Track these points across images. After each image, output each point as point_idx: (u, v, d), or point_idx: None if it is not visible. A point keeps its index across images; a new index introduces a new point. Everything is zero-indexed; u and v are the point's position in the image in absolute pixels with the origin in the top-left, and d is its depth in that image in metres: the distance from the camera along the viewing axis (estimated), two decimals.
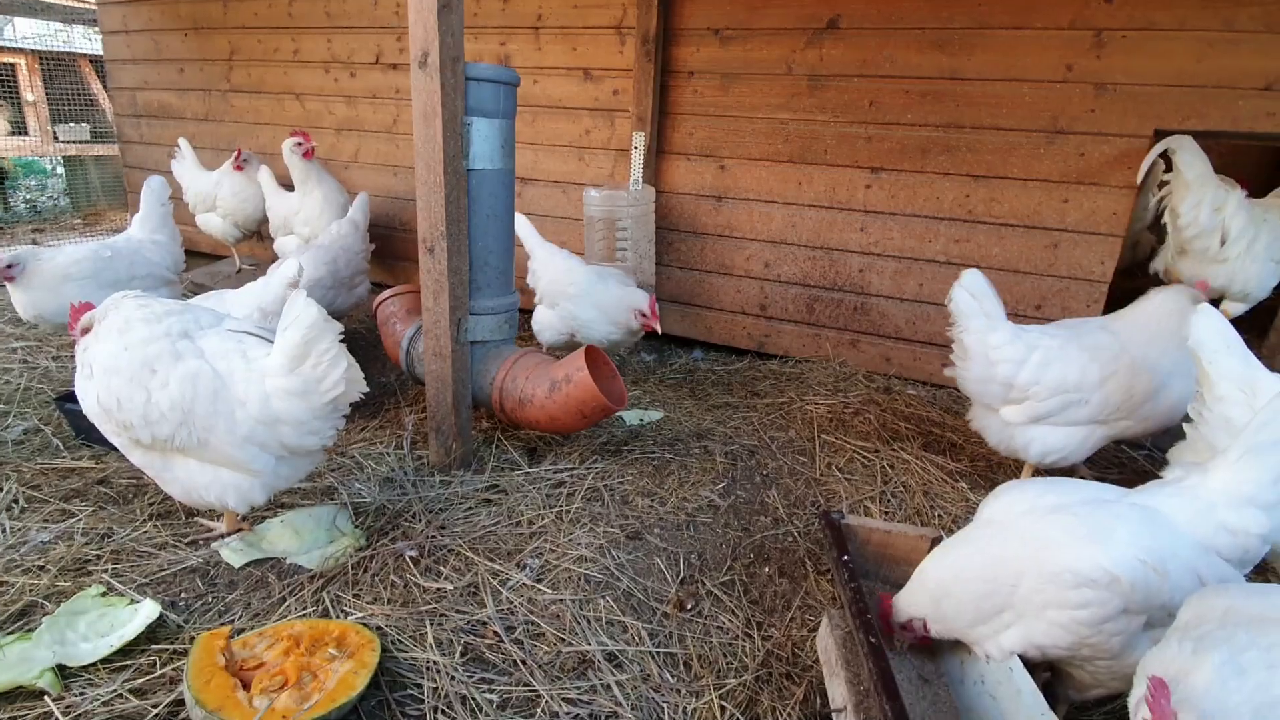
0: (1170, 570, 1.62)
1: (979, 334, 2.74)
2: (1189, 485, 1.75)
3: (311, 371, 2.14)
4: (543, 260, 3.93)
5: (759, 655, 2.05)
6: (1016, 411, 2.75)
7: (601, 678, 1.91)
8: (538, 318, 3.95)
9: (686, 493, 2.85)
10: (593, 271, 3.75)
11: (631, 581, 2.31)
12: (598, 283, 3.67)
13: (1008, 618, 1.71)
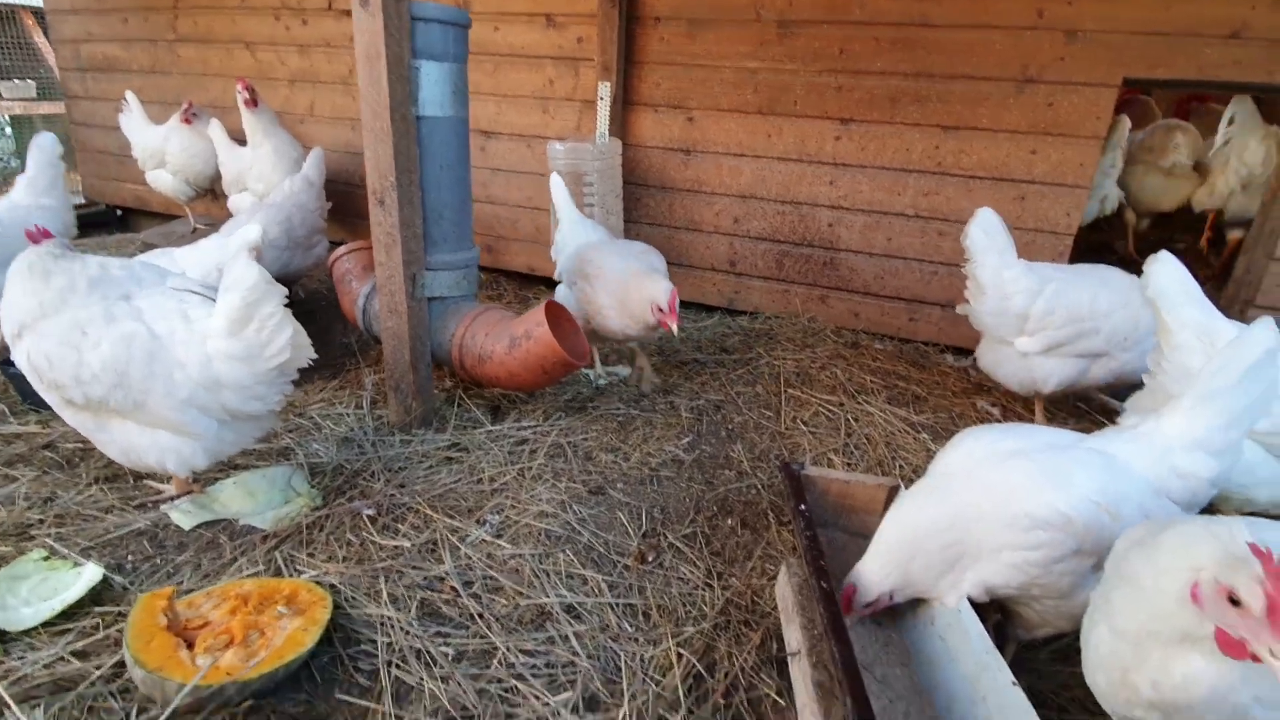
0: (1123, 512, 1.64)
1: (994, 269, 2.88)
2: (1144, 431, 1.76)
3: (255, 336, 2.05)
4: (566, 231, 3.52)
5: (718, 604, 2.06)
6: (1031, 342, 2.89)
7: (560, 629, 1.90)
8: (557, 296, 3.45)
9: (651, 448, 2.83)
10: (616, 251, 3.21)
11: (593, 536, 2.29)
12: (618, 265, 3.08)
13: (967, 562, 1.72)
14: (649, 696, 1.71)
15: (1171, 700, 1.18)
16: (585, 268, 3.17)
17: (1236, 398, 1.64)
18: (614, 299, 3.03)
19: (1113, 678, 1.28)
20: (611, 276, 3.05)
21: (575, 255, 3.28)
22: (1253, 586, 1.08)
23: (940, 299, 3.96)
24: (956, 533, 1.70)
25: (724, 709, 1.72)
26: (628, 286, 2.98)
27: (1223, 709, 1.14)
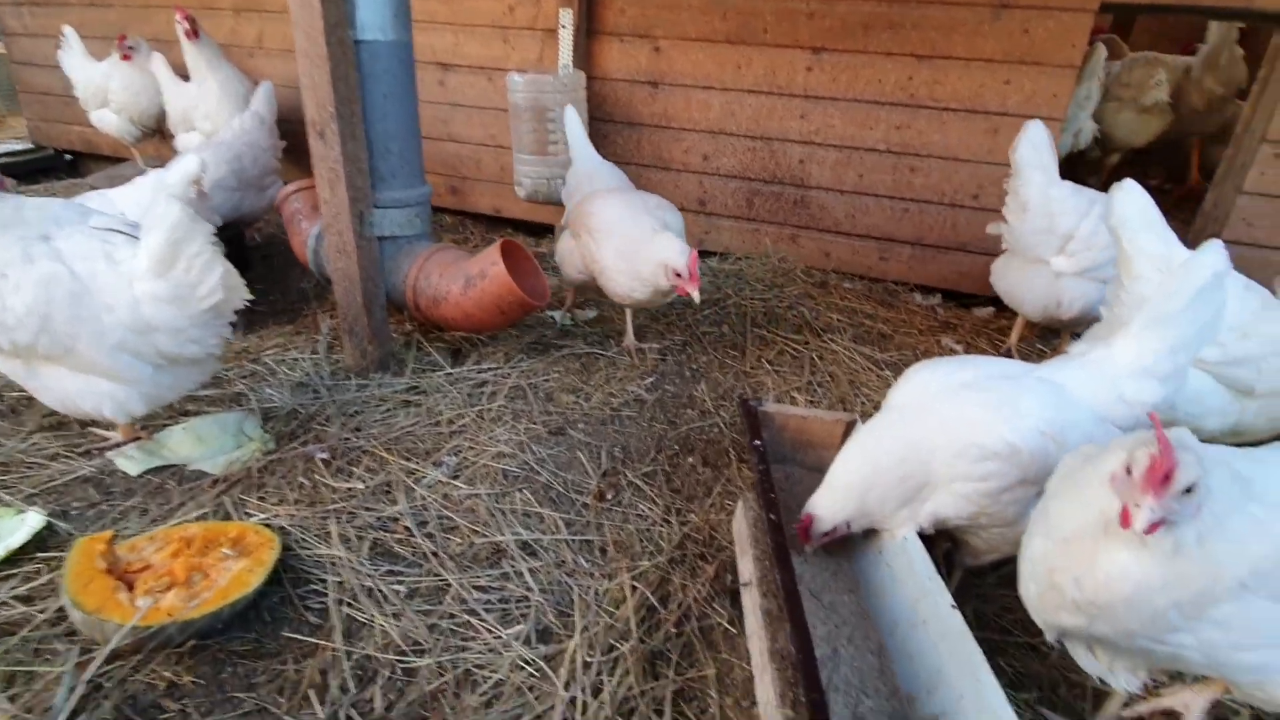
0: (1069, 440, 1.64)
1: (1041, 187, 2.87)
2: (1093, 359, 1.75)
3: (184, 276, 1.96)
4: (577, 172, 3.22)
5: (675, 539, 2.07)
6: (1069, 263, 2.88)
7: (515, 565, 1.91)
8: (560, 246, 3.17)
9: (613, 388, 2.80)
10: (626, 203, 2.85)
11: (552, 475, 2.28)
12: (628, 219, 2.75)
13: (925, 494, 1.73)
14: (601, 628, 1.73)
15: (1093, 599, 1.19)
16: (589, 220, 2.82)
17: (1184, 323, 1.63)
18: (620, 258, 2.72)
19: (1042, 583, 1.30)
20: (618, 232, 2.74)
21: (583, 203, 2.97)
22: (1141, 455, 1.09)
23: (911, 237, 3.91)
24: (912, 465, 1.70)
25: (675, 637, 1.75)
26: (637, 245, 2.67)
27: (1143, 612, 1.16)
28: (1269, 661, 1.23)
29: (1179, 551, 1.13)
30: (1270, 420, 2.30)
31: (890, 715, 1.49)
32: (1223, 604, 1.14)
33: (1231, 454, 1.33)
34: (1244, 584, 1.13)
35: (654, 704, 1.57)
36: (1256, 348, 2.18)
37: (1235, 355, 2.19)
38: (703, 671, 1.66)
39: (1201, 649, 1.19)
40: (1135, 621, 1.18)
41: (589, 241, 2.83)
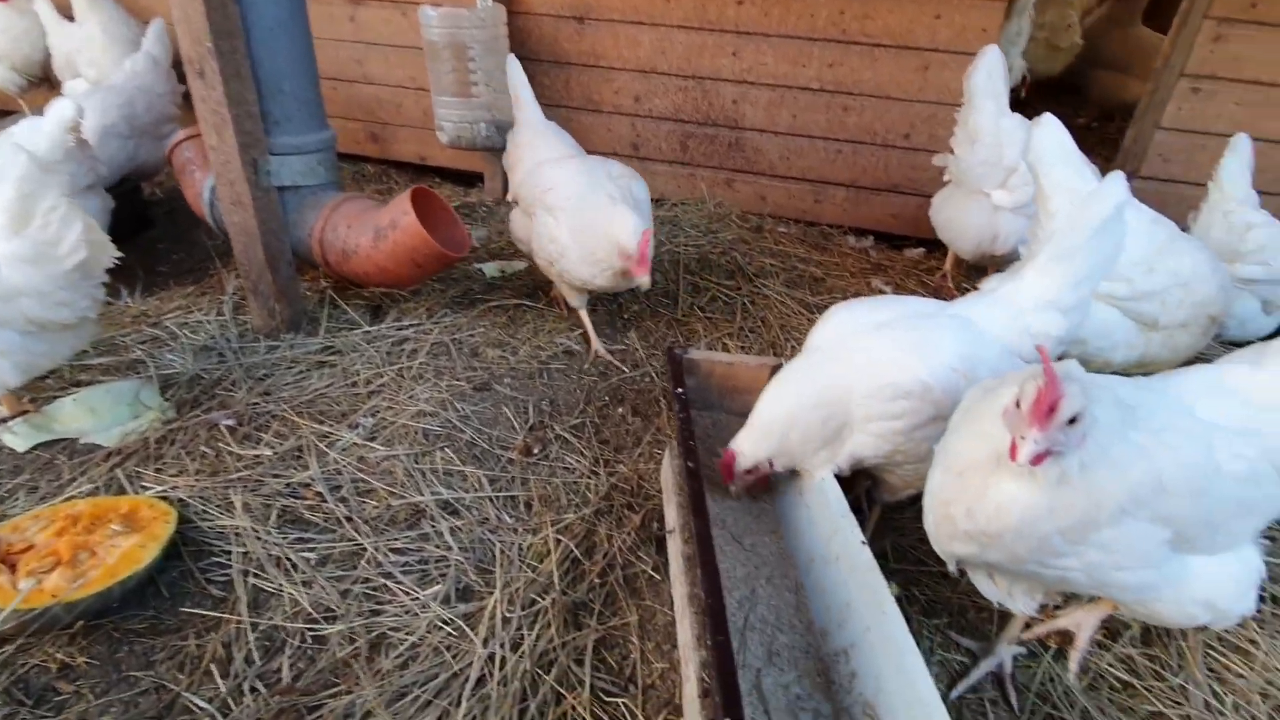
0: (978, 375, 1.66)
1: (993, 116, 2.85)
2: (1001, 294, 1.77)
3: (41, 234, 1.78)
4: (523, 136, 2.86)
5: (603, 490, 2.06)
6: (1009, 197, 2.90)
7: (435, 525, 1.86)
8: (513, 219, 2.82)
9: (541, 341, 2.74)
10: (585, 170, 2.51)
11: (476, 432, 2.23)
12: (587, 193, 2.42)
13: (845, 434, 1.74)
14: (522, 583, 1.71)
15: (984, 529, 1.23)
16: (545, 196, 2.48)
17: (1085, 256, 1.65)
18: (574, 238, 2.40)
19: (938, 514, 1.33)
20: (574, 206, 2.41)
21: (533, 172, 2.62)
22: (1029, 388, 1.11)
23: (845, 179, 3.89)
24: (832, 406, 1.70)
25: (599, 587, 1.75)
26: (594, 221, 2.34)
27: (1030, 539, 1.20)
28: (1149, 580, 1.29)
29: (1064, 481, 1.16)
30: (1174, 352, 2.41)
31: (804, 649, 1.53)
32: (1104, 529, 1.18)
33: (1117, 383, 1.37)
34: (1124, 509, 1.17)
35: (575, 654, 1.57)
36: (1161, 281, 2.26)
37: (1142, 290, 2.26)
38: (625, 619, 1.67)
39: (1086, 571, 1.24)
40: (1023, 548, 1.22)
41: (547, 219, 2.46)
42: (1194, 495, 1.22)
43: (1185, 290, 2.28)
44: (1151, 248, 2.26)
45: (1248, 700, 1.55)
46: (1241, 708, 1.54)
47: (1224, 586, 1.34)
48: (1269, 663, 1.62)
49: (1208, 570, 1.34)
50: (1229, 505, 1.28)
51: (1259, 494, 1.31)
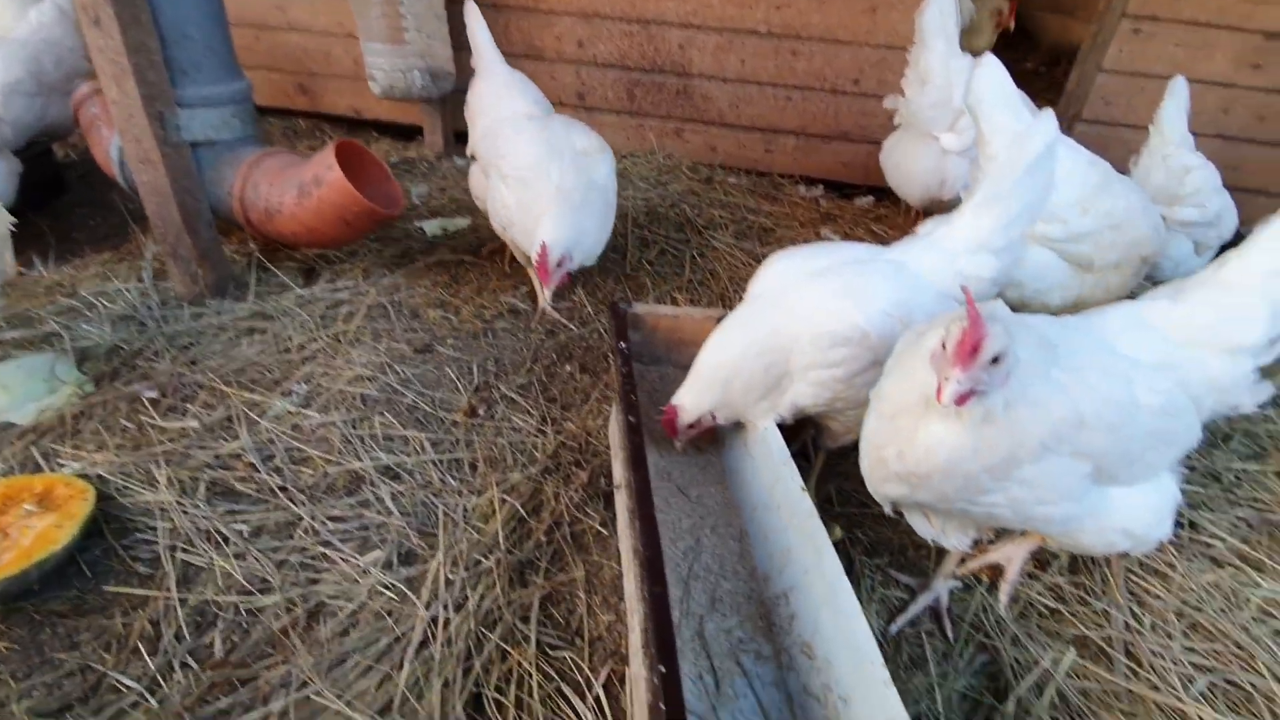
0: (914, 320, 1.67)
1: (943, 56, 2.81)
2: (936, 238, 1.77)
3: None
4: (483, 87, 2.67)
5: (550, 448, 2.03)
6: (957, 141, 2.89)
7: (375, 491, 1.82)
8: (473, 173, 2.69)
9: (485, 300, 2.67)
10: (544, 143, 2.30)
11: (418, 395, 2.17)
12: (538, 170, 2.26)
13: (786, 384, 1.74)
14: (467, 544, 1.69)
15: (914, 470, 1.25)
16: (501, 162, 2.32)
17: (1017, 197, 1.65)
18: (520, 213, 2.29)
19: (871, 458, 1.35)
20: (523, 180, 2.26)
21: (491, 131, 2.43)
22: (954, 329, 1.12)
23: (795, 127, 3.84)
24: (773, 355, 1.70)
25: (545, 545, 1.74)
26: (531, 202, 2.23)
27: (957, 478, 1.22)
28: (1071, 513, 1.34)
29: (988, 420, 1.18)
30: (1107, 292, 2.47)
31: (747, 594, 1.56)
32: (1026, 465, 1.21)
33: (1041, 321, 1.39)
34: (1046, 445, 1.20)
35: (520, 611, 1.57)
36: (1094, 223, 2.29)
37: (1076, 231, 2.29)
38: (572, 575, 1.67)
39: (1011, 507, 1.27)
40: (951, 488, 1.24)
41: (499, 185, 2.35)
42: (1112, 430, 1.25)
43: (1117, 231, 2.32)
44: (1087, 189, 2.29)
45: (1164, 620, 1.64)
46: (1159, 626, 1.63)
47: (1143, 515, 1.40)
48: (1185, 584, 1.72)
49: (1127, 500, 1.39)
50: (1147, 438, 1.32)
51: (1176, 425, 1.36)
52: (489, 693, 1.40)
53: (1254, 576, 1.74)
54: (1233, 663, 1.54)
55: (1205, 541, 1.84)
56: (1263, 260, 1.41)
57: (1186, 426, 1.38)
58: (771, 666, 1.41)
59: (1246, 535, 1.87)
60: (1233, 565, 1.77)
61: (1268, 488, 2.03)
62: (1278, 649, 1.57)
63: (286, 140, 4.22)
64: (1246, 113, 3.40)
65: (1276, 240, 1.39)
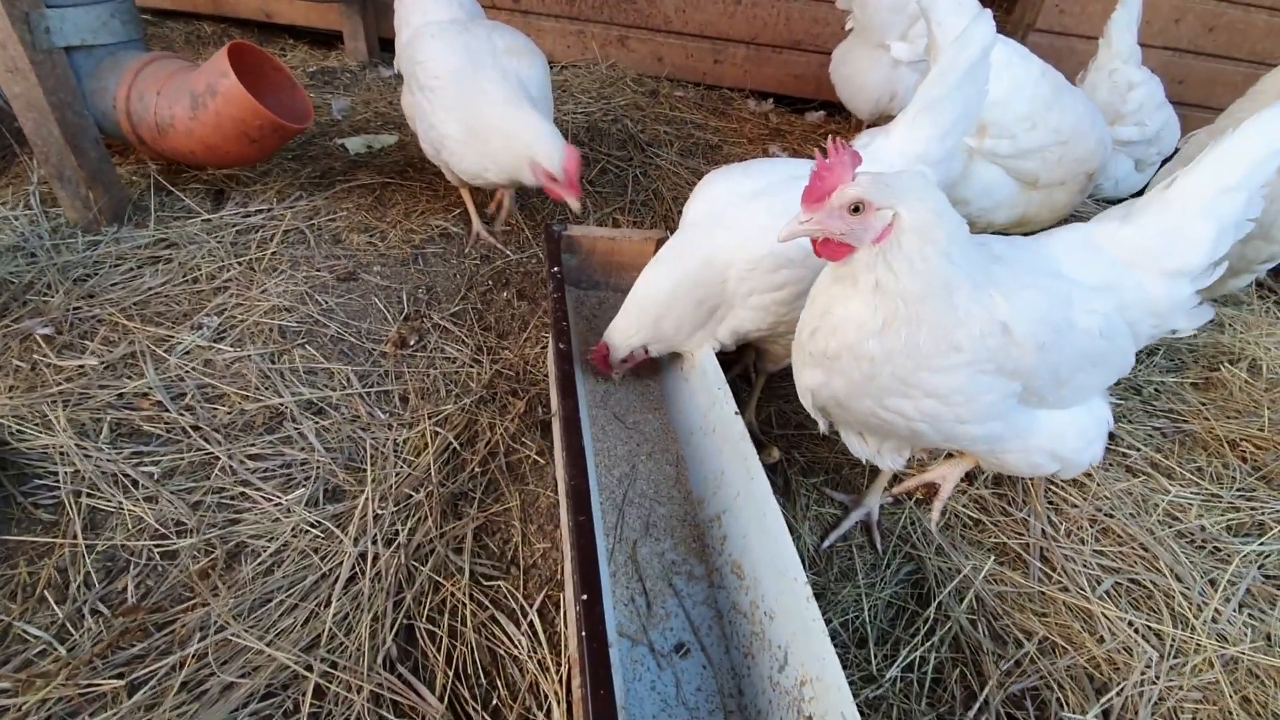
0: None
1: None
2: (872, 149, 1.71)
3: None
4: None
5: (486, 378, 1.98)
6: (909, 50, 2.85)
7: (298, 427, 1.75)
8: (404, 92, 2.44)
9: (414, 224, 2.52)
10: (465, 48, 2.09)
11: (342, 326, 2.07)
12: (468, 74, 2.06)
13: (721, 313, 1.69)
14: (397, 479, 1.65)
15: (824, 349, 1.25)
16: (418, 70, 2.13)
17: (953, 104, 1.60)
18: (465, 131, 2.08)
19: (795, 343, 1.35)
20: (454, 91, 2.06)
21: (412, 41, 2.23)
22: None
23: (745, 36, 3.64)
24: (709, 286, 1.64)
25: (480, 475, 1.72)
26: (487, 118, 2.04)
27: (862, 360, 1.21)
28: (996, 433, 1.36)
29: (880, 290, 1.16)
30: (1052, 210, 2.47)
31: (681, 518, 1.57)
32: (936, 373, 1.20)
33: (993, 239, 1.37)
34: (957, 347, 1.18)
35: (454, 543, 1.55)
36: (1041, 139, 2.26)
37: (1024, 147, 2.26)
38: (507, 504, 1.66)
39: (930, 423, 1.28)
40: (858, 373, 1.22)
41: (422, 100, 2.16)
42: (1043, 350, 1.25)
43: (1065, 148, 2.30)
44: (1037, 103, 2.24)
45: (1078, 526, 1.73)
46: (1073, 533, 1.72)
47: (1071, 439, 1.43)
48: (1099, 492, 1.80)
49: (1056, 423, 1.41)
50: (1079, 360, 1.33)
51: (1110, 350, 1.37)
52: (421, 624, 1.39)
53: (1164, 483, 1.84)
54: (1137, 564, 1.64)
55: (1123, 452, 1.92)
56: (1208, 181, 1.37)
57: (1121, 351, 1.40)
58: (703, 586, 1.44)
59: (1160, 445, 1.96)
60: (1145, 473, 1.86)
61: (1184, 399, 2.12)
62: (1178, 549, 1.67)
63: (190, 48, 3.82)
64: (1197, 23, 3.36)
65: (1222, 161, 1.37)
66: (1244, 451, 1.97)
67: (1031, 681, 1.42)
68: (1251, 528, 1.76)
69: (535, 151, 1.99)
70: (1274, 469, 1.91)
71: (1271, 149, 1.31)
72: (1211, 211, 1.36)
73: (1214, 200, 1.36)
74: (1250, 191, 1.34)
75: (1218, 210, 1.36)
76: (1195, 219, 1.38)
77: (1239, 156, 1.33)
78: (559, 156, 1.96)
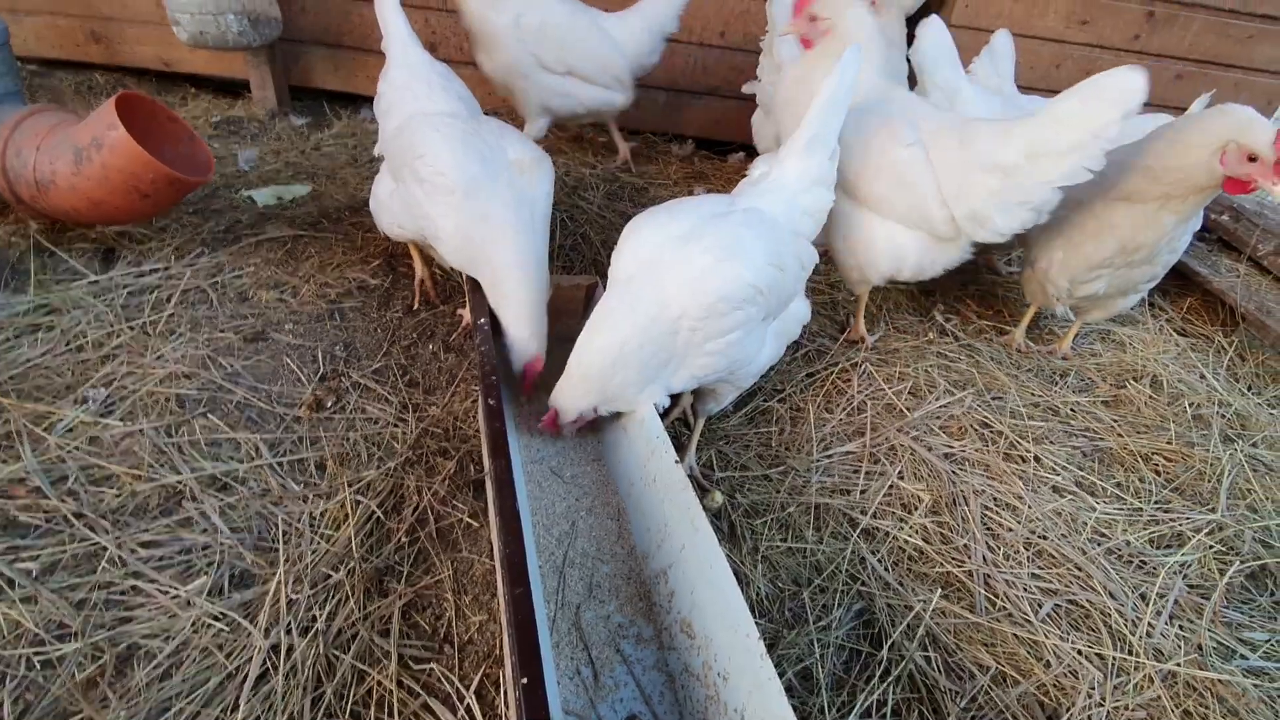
0: (786, 265, 1.71)
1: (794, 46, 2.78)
2: (774, 180, 1.80)
3: None
4: (397, 76, 2.23)
5: (411, 438, 1.87)
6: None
7: (199, 506, 1.59)
8: (378, 184, 2.24)
9: (330, 277, 2.41)
10: (477, 152, 1.91)
11: (250, 391, 1.92)
12: (483, 186, 1.89)
13: (675, 364, 1.65)
14: (314, 557, 1.52)
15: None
16: (419, 165, 1.91)
17: (831, 132, 1.81)
18: (461, 236, 1.90)
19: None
20: (464, 201, 1.87)
21: (408, 127, 2.03)
22: None
23: (663, 82, 3.73)
24: (658, 341, 1.59)
25: (408, 545, 1.60)
26: (486, 250, 1.88)
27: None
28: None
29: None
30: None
31: (626, 575, 1.51)
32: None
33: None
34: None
35: (379, 624, 1.43)
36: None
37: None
38: (438, 575, 1.55)
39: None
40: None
41: (417, 191, 1.95)
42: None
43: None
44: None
45: (1015, 550, 1.76)
46: (1010, 556, 1.75)
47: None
48: (1031, 515, 1.85)
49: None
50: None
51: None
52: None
53: (1089, 501, 1.91)
54: (1073, 584, 1.68)
55: (1048, 473, 1.99)
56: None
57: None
58: (653, 649, 1.37)
59: (1081, 463, 2.05)
60: (1072, 493, 1.93)
61: (1097, 417, 2.23)
62: (1109, 566, 1.73)
63: (81, 98, 3.60)
64: (1075, 68, 3.67)
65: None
66: (1156, 465, 2.08)
67: (988, 716, 1.42)
68: (1171, 539, 1.84)
69: (506, 327, 1.87)
70: (1184, 480, 2.02)
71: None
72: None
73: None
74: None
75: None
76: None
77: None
78: (520, 361, 1.87)
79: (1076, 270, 2.20)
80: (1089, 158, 1.83)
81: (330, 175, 3.09)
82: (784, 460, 1.97)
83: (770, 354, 1.84)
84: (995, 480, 1.94)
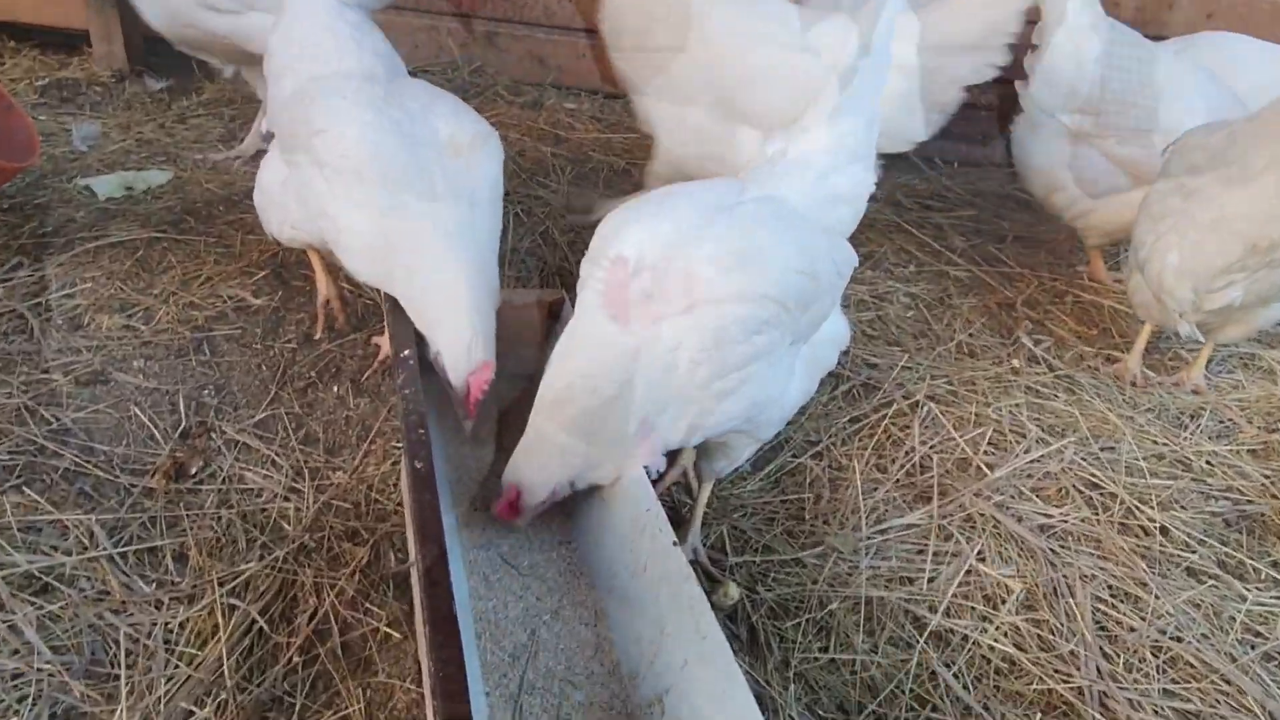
0: (819, 271, 1.73)
1: None
2: (794, 159, 1.83)
3: None
4: (292, 28, 2.24)
5: (308, 516, 1.90)
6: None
7: (7, 619, 1.58)
8: (264, 170, 2.25)
9: (196, 295, 2.46)
10: (395, 127, 1.94)
11: (82, 454, 1.97)
12: (406, 170, 1.92)
13: (672, 412, 1.65)
14: (168, 686, 1.50)
15: None
16: (317, 141, 1.94)
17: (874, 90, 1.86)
18: (375, 232, 1.92)
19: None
20: (378, 189, 1.89)
21: (304, 94, 2.05)
22: None
23: None
24: (648, 384, 1.59)
25: (301, 668, 1.60)
26: (408, 258, 1.90)
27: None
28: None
29: None
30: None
31: (607, 704, 1.50)
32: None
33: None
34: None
35: None
36: None
37: None
38: (343, 710, 1.55)
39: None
40: None
41: (313, 173, 1.98)
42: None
43: None
44: None
45: (1141, 658, 1.76)
46: (1134, 666, 1.75)
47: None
48: (1160, 608, 1.86)
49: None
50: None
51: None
52: None
53: (1237, 587, 1.92)
54: (1220, 703, 1.68)
55: (1178, 553, 2.00)
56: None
57: None
58: None
59: (1224, 536, 2.07)
60: (1212, 576, 1.94)
61: (1243, 472, 2.26)
62: (1268, 677, 1.73)
63: None
64: None
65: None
66: None
67: None
68: None
69: (438, 339, 1.87)
70: None
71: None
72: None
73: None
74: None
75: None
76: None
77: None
78: (462, 369, 1.85)
79: (1200, 275, 2.23)
80: None
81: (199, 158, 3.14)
82: (822, 538, 1.97)
83: (800, 392, 1.85)
84: (1109, 561, 1.95)
